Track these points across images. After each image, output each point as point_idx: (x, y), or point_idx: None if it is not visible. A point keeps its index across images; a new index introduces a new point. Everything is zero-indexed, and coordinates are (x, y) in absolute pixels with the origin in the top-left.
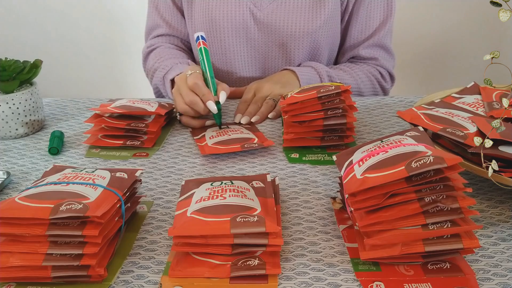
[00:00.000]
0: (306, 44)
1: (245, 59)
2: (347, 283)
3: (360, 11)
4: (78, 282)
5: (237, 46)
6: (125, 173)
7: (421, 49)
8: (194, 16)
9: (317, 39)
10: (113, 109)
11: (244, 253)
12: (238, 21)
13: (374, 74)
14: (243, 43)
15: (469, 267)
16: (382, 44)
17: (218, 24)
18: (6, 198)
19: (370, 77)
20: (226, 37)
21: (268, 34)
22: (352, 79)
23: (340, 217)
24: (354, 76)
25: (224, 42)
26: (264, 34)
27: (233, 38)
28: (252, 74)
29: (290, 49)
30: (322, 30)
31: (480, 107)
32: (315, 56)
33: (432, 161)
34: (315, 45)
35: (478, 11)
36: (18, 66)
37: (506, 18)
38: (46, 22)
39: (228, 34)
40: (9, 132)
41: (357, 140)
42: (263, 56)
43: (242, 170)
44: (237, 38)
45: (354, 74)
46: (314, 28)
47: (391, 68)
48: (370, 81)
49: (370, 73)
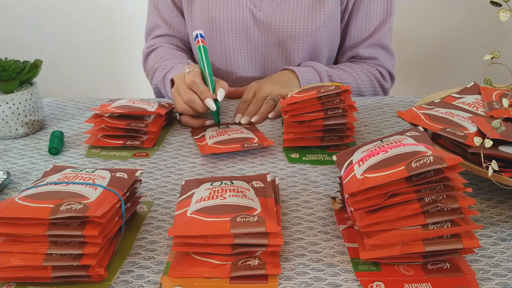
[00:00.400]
0: (306, 44)
1: (245, 59)
2: (347, 283)
3: (360, 11)
4: (78, 282)
5: (237, 46)
6: (125, 173)
7: (421, 49)
8: (194, 16)
9: (317, 39)
10: (113, 109)
11: (244, 253)
12: (238, 21)
13: (374, 73)
14: (243, 43)
15: (469, 267)
16: (382, 43)
17: (218, 24)
18: (6, 198)
19: (370, 77)
20: (226, 37)
21: (268, 34)
22: (352, 79)
23: (340, 217)
24: (354, 75)
25: (224, 42)
26: (263, 34)
27: (233, 38)
28: (252, 74)
29: (290, 49)
30: (322, 29)
31: (480, 107)
32: (315, 56)
33: (432, 161)
34: (315, 45)
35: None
36: (18, 66)
37: (506, 18)
38: (46, 22)
39: (228, 34)
40: (9, 132)
41: (357, 140)
42: (263, 56)
43: (242, 170)
44: (237, 38)
45: (354, 73)
46: (314, 27)
47: (391, 67)
48: (370, 81)
49: (370, 73)
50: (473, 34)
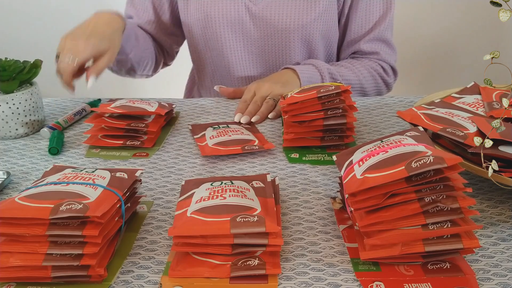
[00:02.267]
0: (300, 37)
1: (241, 54)
2: (347, 283)
3: (359, 5)
4: (78, 282)
5: (233, 41)
6: (125, 173)
7: (421, 49)
8: (190, 13)
9: (311, 32)
10: (113, 109)
11: (244, 253)
12: (233, 16)
13: (376, 69)
14: (239, 38)
15: (469, 267)
16: (383, 37)
17: (214, 20)
18: (6, 198)
19: (372, 72)
20: (222, 33)
21: (264, 28)
22: (353, 75)
23: (340, 217)
24: (356, 72)
25: (220, 38)
26: (259, 29)
27: (229, 33)
28: (250, 68)
29: (286, 43)
30: (317, 23)
31: (480, 107)
32: (311, 50)
33: (432, 161)
34: (310, 38)
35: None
36: (18, 66)
37: (506, 18)
38: (47, 22)
39: (224, 29)
40: (9, 132)
41: (357, 140)
42: (260, 50)
43: (242, 170)
44: (233, 33)
45: (356, 70)
46: (309, 20)
47: (393, 62)
48: (372, 76)
49: (372, 68)
50: (473, 34)
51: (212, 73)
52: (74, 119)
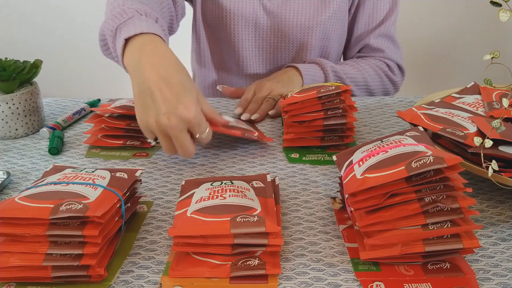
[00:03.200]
0: (315, 35)
1: (253, 50)
2: (347, 283)
3: (367, 2)
4: (78, 282)
5: (246, 36)
6: (125, 173)
7: (421, 49)
8: (206, 7)
9: (327, 30)
10: (113, 109)
11: (244, 253)
12: (248, 11)
13: (381, 67)
14: (252, 34)
15: (469, 267)
16: (389, 34)
17: (228, 14)
18: (6, 198)
19: (377, 71)
20: (235, 27)
21: (278, 25)
22: (358, 73)
23: (340, 217)
24: (361, 70)
25: (233, 32)
26: (273, 25)
27: (243, 28)
28: (261, 65)
29: (300, 40)
30: (332, 20)
31: (480, 107)
32: (325, 48)
33: (432, 161)
34: (325, 36)
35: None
36: (18, 66)
37: (506, 18)
38: (46, 22)
39: (238, 24)
40: (9, 132)
41: (357, 140)
42: (272, 47)
43: (242, 170)
44: (246, 28)
45: (361, 68)
46: (324, 18)
47: (399, 59)
48: (378, 75)
49: (377, 67)
50: (473, 34)
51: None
52: (74, 119)
